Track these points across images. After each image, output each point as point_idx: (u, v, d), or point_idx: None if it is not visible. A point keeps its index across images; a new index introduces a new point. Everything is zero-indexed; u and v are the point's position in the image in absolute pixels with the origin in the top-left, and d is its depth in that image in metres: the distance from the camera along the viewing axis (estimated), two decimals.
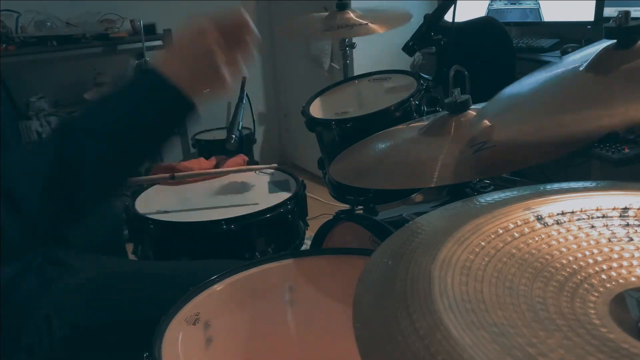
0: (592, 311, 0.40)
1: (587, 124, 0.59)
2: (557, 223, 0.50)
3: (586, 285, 0.43)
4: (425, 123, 1.01)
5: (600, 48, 0.67)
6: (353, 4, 2.35)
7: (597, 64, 0.66)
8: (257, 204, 1.35)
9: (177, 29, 0.77)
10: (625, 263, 0.45)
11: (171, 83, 0.71)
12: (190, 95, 0.72)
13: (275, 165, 1.59)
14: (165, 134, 0.75)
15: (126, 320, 0.94)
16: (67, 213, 0.69)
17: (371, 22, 1.68)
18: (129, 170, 0.75)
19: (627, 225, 0.49)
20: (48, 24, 2.64)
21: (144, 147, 0.73)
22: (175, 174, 1.44)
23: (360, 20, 1.69)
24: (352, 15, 1.71)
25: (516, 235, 0.49)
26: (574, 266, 0.45)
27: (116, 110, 0.71)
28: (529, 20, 2.46)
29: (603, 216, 0.50)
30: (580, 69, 0.67)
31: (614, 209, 0.51)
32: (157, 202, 1.42)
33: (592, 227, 0.49)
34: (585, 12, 2.17)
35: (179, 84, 0.71)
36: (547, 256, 0.46)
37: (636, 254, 0.46)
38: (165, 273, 1.05)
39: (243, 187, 1.50)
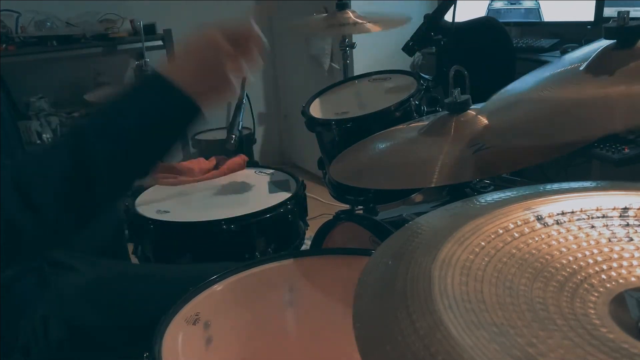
0: (592, 311, 0.40)
1: (585, 128, 0.59)
2: (557, 223, 0.50)
3: (586, 285, 0.43)
4: (425, 123, 1.01)
5: (600, 47, 0.68)
6: (353, 5, 2.36)
7: (596, 64, 0.66)
8: (257, 204, 1.35)
9: (187, 36, 0.79)
10: (625, 263, 0.45)
11: (180, 89, 0.72)
12: (197, 100, 0.74)
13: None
14: (173, 137, 0.78)
15: (122, 323, 0.93)
16: (81, 213, 0.71)
17: (369, 22, 1.70)
18: (140, 171, 0.77)
19: (627, 225, 0.49)
20: (48, 24, 2.64)
21: (153, 149, 0.75)
22: None
23: (358, 20, 1.71)
24: (351, 15, 1.73)
25: (516, 235, 0.49)
26: (574, 266, 0.45)
27: (126, 115, 0.73)
28: (529, 20, 2.46)
29: (603, 216, 0.50)
30: (580, 68, 0.67)
31: (614, 209, 0.51)
32: (157, 202, 1.41)
33: (592, 227, 0.49)
34: (585, 12, 2.17)
35: (187, 90, 0.73)
36: (547, 256, 0.46)
37: (636, 254, 0.46)
38: (163, 276, 1.05)
39: (243, 187, 1.50)
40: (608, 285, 0.43)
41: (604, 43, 0.68)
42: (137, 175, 0.76)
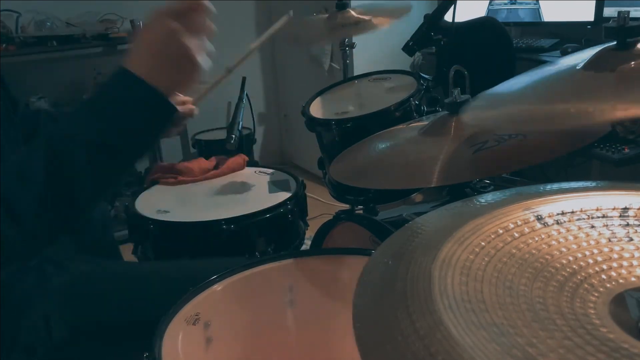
0: (592, 311, 0.40)
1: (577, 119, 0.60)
2: (557, 223, 0.50)
3: (586, 285, 0.43)
4: (425, 123, 1.01)
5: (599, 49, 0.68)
6: (352, 3, 2.35)
7: (594, 64, 0.66)
8: (257, 204, 1.35)
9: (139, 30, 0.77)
10: (625, 263, 0.45)
11: (149, 85, 0.71)
12: (167, 93, 0.72)
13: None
14: (148, 137, 0.76)
15: (125, 321, 0.94)
16: (61, 219, 0.71)
17: (374, 17, 1.65)
18: (121, 172, 0.76)
19: (627, 225, 0.49)
20: (48, 24, 2.64)
21: (129, 151, 0.73)
22: None
23: (362, 17, 1.63)
24: (353, 13, 1.69)
25: (516, 235, 0.49)
26: (574, 266, 0.45)
27: (98, 117, 0.71)
28: (529, 20, 2.46)
29: (603, 216, 0.50)
30: (578, 67, 0.67)
31: (614, 209, 0.51)
32: (157, 202, 1.42)
33: (592, 227, 0.49)
34: (585, 12, 2.17)
35: (156, 84, 0.71)
36: (547, 256, 0.46)
37: (636, 254, 0.46)
38: (164, 273, 1.05)
39: (243, 187, 1.50)
40: (608, 285, 0.43)
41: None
42: (117, 175, 0.75)
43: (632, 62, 0.63)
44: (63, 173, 0.68)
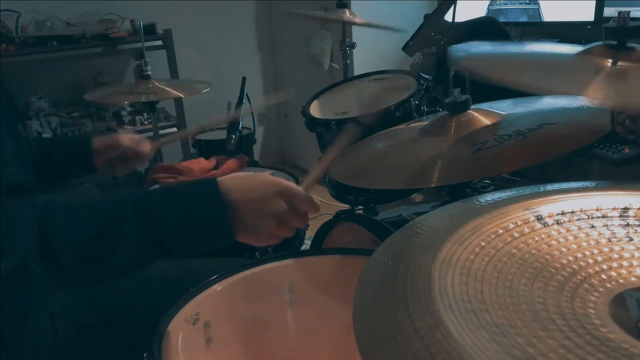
0: (592, 311, 0.40)
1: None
2: (557, 223, 0.50)
3: (586, 285, 0.43)
4: (425, 123, 1.01)
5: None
6: (353, 5, 2.36)
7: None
8: None
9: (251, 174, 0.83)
10: (625, 263, 0.45)
11: (230, 223, 0.74)
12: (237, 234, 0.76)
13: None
14: (199, 251, 0.78)
15: (129, 319, 0.94)
16: (95, 274, 0.72)
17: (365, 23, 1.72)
18: (157, 261, 0.77)
19: (627, 225, 0.49)
20: (48, 24, 2.64)
21: (175, 254, 0.75)
22: None
23: (354, 20, 1.73)
24: (347, 14, 1.74)
25: (516, 235, 0.49)
26: (574, 266, 0.45)
27: (171, 213, 0.73)
28: (529, 20, 2.45)
29: (603, 216, 0.50)
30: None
31: (614, 209, 0.51)
32: None
33: (592, 227, 0.49)
34: (585, 12, 2.17)
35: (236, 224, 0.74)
36: (547, 256, 0.46)
37: (636, 254, 0.46)
38: (166, 272, 1.05)
39: None
40: (608, 285, 0.43)
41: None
42: (152, 263, 0.76)
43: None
44: (116, 239, 0.69)
